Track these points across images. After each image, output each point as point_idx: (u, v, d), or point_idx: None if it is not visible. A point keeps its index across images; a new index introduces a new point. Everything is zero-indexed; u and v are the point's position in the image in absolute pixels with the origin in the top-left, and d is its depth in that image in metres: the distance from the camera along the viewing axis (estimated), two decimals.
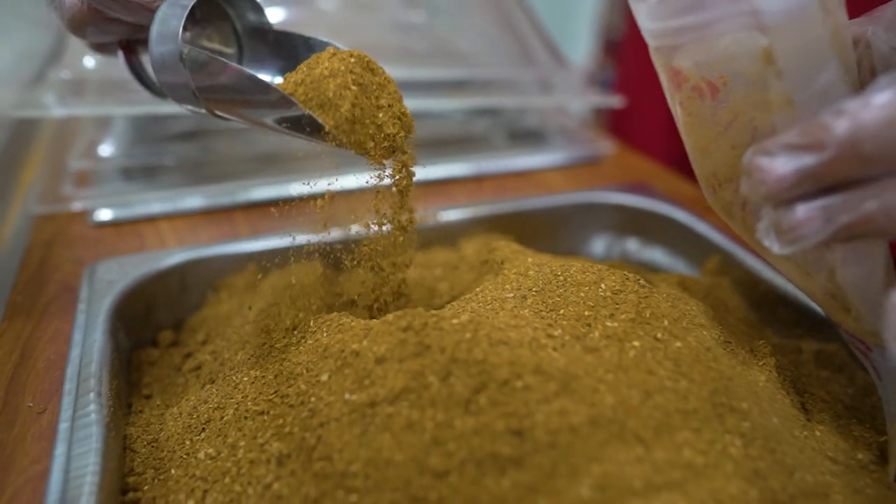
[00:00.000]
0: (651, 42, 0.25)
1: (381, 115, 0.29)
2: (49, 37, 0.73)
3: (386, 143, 0.29)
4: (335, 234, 0.43)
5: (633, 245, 0.49)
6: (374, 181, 0.32)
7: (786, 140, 0.20)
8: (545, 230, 0.48)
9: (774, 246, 0.21)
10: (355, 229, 0.43)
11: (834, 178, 0.20)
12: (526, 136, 0.62)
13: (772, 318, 0.40)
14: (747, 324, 0.39)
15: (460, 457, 0.22)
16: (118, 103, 0.47)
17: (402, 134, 0.29)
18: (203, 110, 0.30)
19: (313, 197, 0.35)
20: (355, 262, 0.35)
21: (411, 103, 0.58)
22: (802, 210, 0.20)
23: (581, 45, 0.97)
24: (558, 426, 0.23)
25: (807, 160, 0.19)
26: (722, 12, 0.22)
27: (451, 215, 0.45)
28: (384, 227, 0.33)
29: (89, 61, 0.47)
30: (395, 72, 0.56)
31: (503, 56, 0.65)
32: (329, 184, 0.34)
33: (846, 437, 0.28)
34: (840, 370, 0.35)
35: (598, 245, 0.49)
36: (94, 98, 0.46)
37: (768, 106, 0.22)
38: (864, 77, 0.23)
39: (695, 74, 0.23)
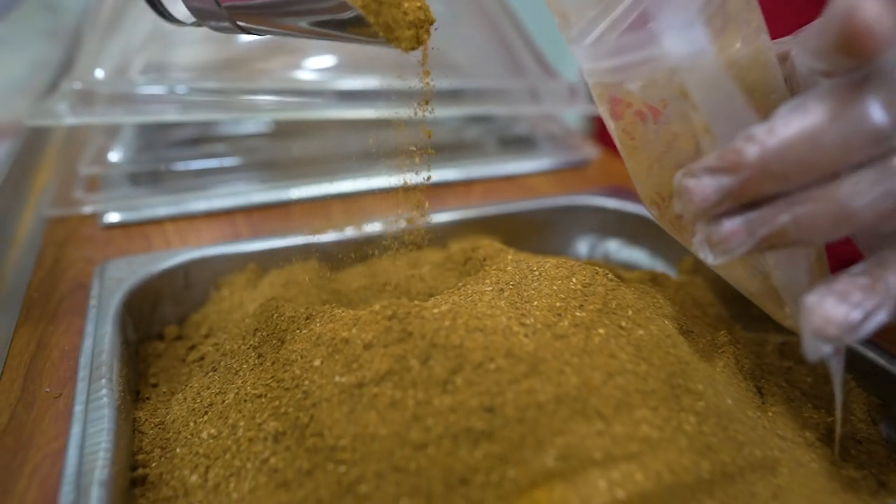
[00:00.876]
0: (589, 80, 0.27)
1: (406, 3, 0.29)
2: (60, 49, 0.77)
3: (411, 31, 0.29)
4: (330, 235, 0.45)
5: (614, 245, 0.51)
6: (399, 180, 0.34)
7: (707, 164, 0.22)
8: (532, 232, 0.50)
9: (709, 257, 0.23)
10: (349, 230, 0.45)
11: (751, 195, 0.22)
12: (516, 142, 0.65)
13: (744, 314, 0.43)
14: (718, 318, 0.41)
15: (438, 431, 0.25)
16: (126, 112, 0.49)
17: (425, 19, 0.29)
18: (227, 24, 0.30)
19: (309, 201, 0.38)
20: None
21: (407, 112, 0.61)
22: (728, 225, 0.23)
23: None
24: (526, 403, 0.25)
25: (726, 181, 0.22)
26: (646, 55, 0.24)
27: (441, 217, 0.48)
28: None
29: (99, 73, 0.50)
30: (391, 82, 0.58)
31: (494, 67, 0.68)
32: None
33: (797, 418, 0.30)
34: (802, 360, 0.37)
35: (582, 246, 0.52)
36: (103, 107, 0.49)
37: (694, 132, 0.24)
38: (795, 93, 0.26)
39: (638, 99, 0.26)
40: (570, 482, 0.24)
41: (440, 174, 0.56)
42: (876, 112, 0.20)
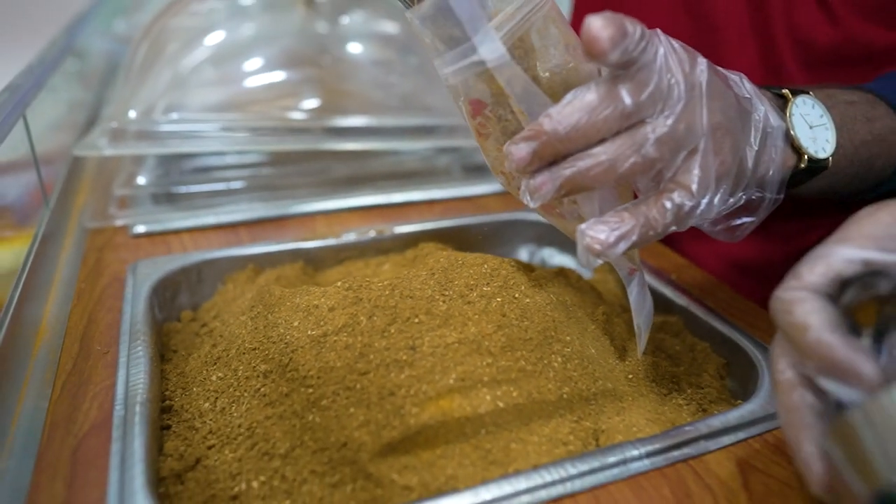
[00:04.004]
0: (446, 83, 0.35)
1: None
2: (89, 91, 0.89)
3: None
4: (315, 242, 0.57)
5: (548, 252, 0.62)
6: None
7: (522, 134, 0.32)
8: (480, 241, 0.62)
9: (530, 203, 0.33)
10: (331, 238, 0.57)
11: (551, 155, 0.32)
12: (477, 169, 0.76)
13: None
14: (620, 304, 0.52)
15: (376, 362, 0.36)
16: (152, 145, 0.61)
17: None
18: None
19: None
20: None
21: (387, 144, 0.72)
22: (539, 177, 0.32)
23: None
24: (438, 344, 0.36)
25: (533, 145, 0.31)
26: (474, 59, 0.33)
27: (404, 229, 0.59)
28: None
29: (132, 113, 0.62)
30: (373, 120, 0.71)
31: None
32: None
33: (649, 368, 0.41)
34: (676, 335, 0.48)
35: (523, 253, 0.63)
36: (134, 141, 0.61)
37: (519, 114, 0.35)
38: None
39: (491, 101, 0.35)
40: (465, 396, 0.35)
41: (408, 195, 0.67)
42: (625, 96, 0.30)
